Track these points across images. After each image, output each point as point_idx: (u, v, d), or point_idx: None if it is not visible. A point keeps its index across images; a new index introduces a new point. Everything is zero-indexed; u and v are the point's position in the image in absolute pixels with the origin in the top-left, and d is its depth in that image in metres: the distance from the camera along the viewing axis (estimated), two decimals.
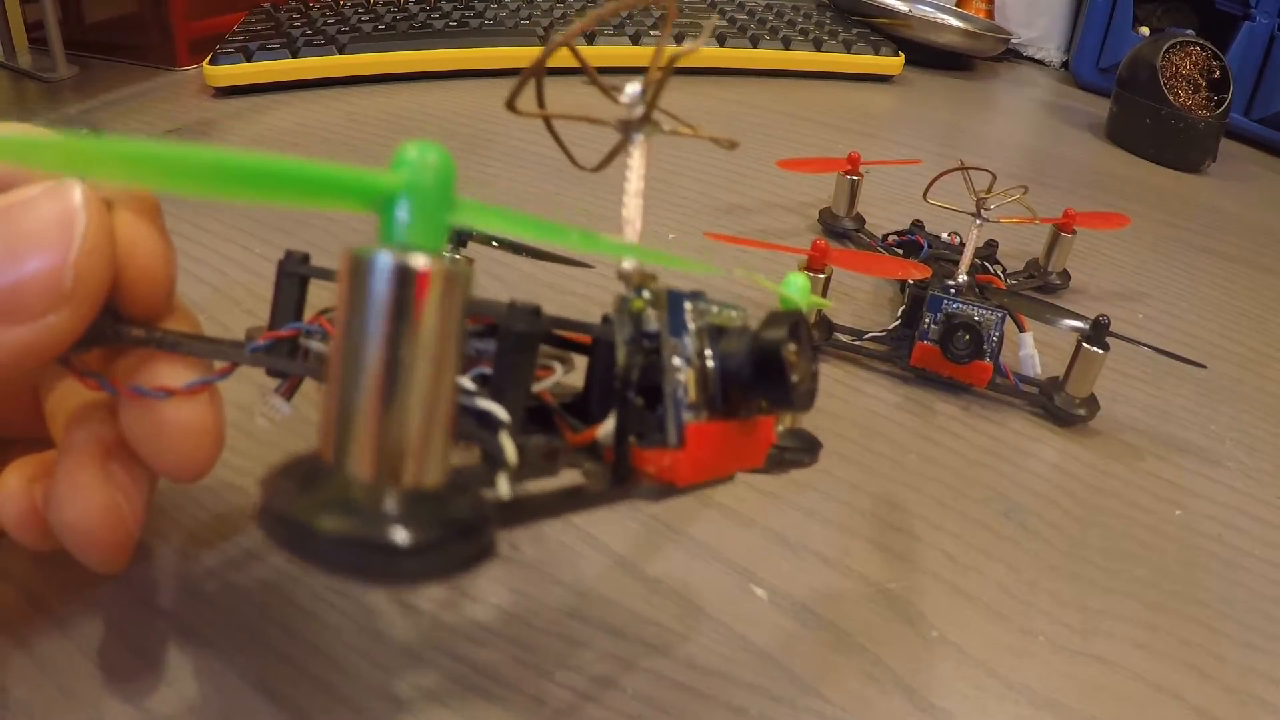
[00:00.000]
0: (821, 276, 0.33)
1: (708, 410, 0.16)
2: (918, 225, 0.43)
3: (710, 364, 0.16)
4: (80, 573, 0.21)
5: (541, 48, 0.17)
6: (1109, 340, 0.31)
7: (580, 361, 0.18)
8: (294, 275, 0.19)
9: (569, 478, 0.16)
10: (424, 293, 0.11)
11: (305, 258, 0.19)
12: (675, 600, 0.23)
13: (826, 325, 0.35)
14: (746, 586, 0.24)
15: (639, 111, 0.17)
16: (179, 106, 0.54)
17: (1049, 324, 0.33)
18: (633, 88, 0.16)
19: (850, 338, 0.35)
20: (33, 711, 0.19)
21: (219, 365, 0.18)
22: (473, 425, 0.15)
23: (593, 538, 0.25)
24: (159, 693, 0.19)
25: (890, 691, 0.21)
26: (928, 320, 0.33)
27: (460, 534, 0.12)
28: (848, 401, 0.33)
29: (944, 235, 0.42)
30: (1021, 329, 0.34)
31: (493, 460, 0.14)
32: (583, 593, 0.23)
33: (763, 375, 0.16)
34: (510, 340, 0.15)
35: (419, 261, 0.11)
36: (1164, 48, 0.66)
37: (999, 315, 0.32)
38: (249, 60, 0.56)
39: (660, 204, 0.46)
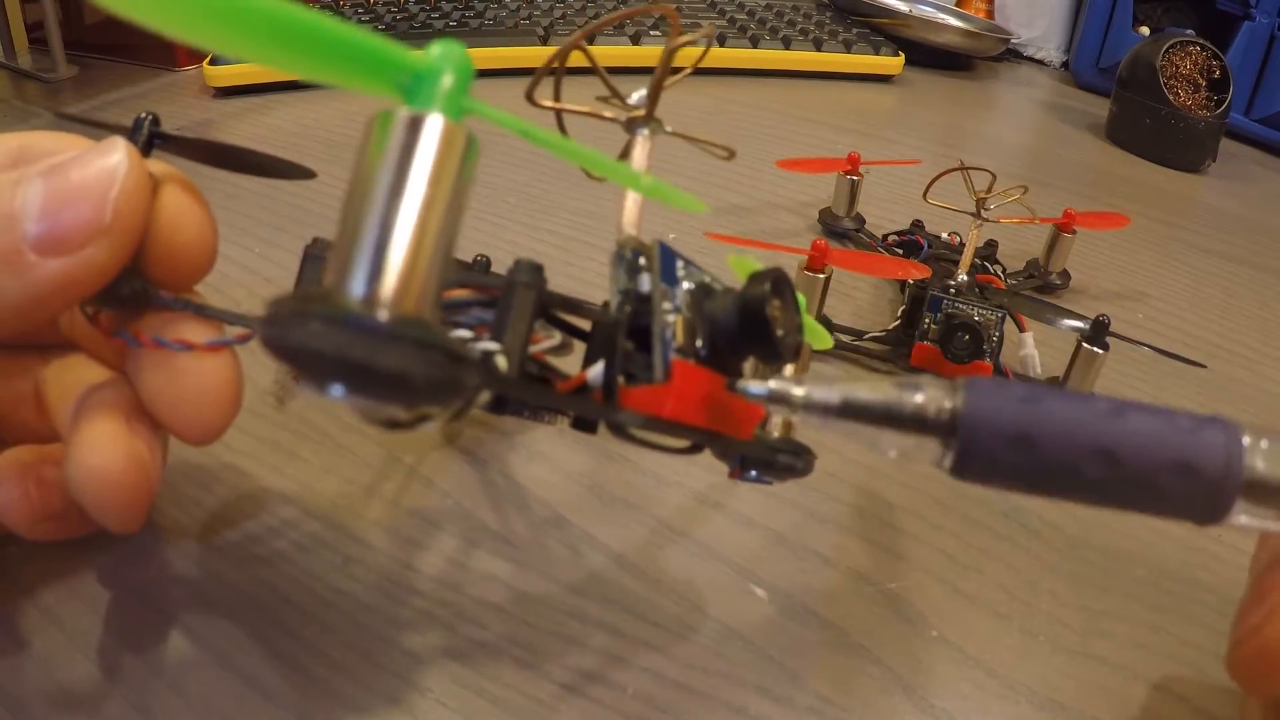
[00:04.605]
0: (821, 276, 0.33)
1: (694, 359, 0.17)
2: (918, 225, 0.43)
3: (697, 316, 0.17)
4: (78, 570, 0.22)
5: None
6: (1109, 340, 0.31)
7: (578, 350, 0.19)
8: (319, 259, 0.20)
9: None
10: (441, 141, 0.13)
11: (330, 245, 0.20)
12: (675, 600, 0.23)
13: (827, 325, 0.35)
14: (746, 586, 0.24)
15: (643, 110, 0.18)
16: (179, 106, 0.54)
17: (1049, 324, 0.33)
18: (639, 92, 0.19)
19: (850, 338, 0.35)
20: (32, 711, 0.19)
21: (238, 331, 0.19)
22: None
23: (592, 538, 0.25)
24: (159, 693, 0.19)
25: (890, 691, 0.21)
26: (928, 320, 0.33)
27: (440, 349, 0.13)
28: None
29: (944, 235, 0.42)
30: (1021, 329, 0.34)
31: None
32: (583, 593, 0.23)
33: (749, 329, 0.16)
34: (513, 291, 0.16)
35: (441, 117, 0.13)
36: (1164, 47, 0.65)
37: (999, 315, 0.32)
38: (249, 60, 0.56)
39: (660, 204, 0.46)
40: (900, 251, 0.41)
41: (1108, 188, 0.60)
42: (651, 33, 0.68)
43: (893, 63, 0.74)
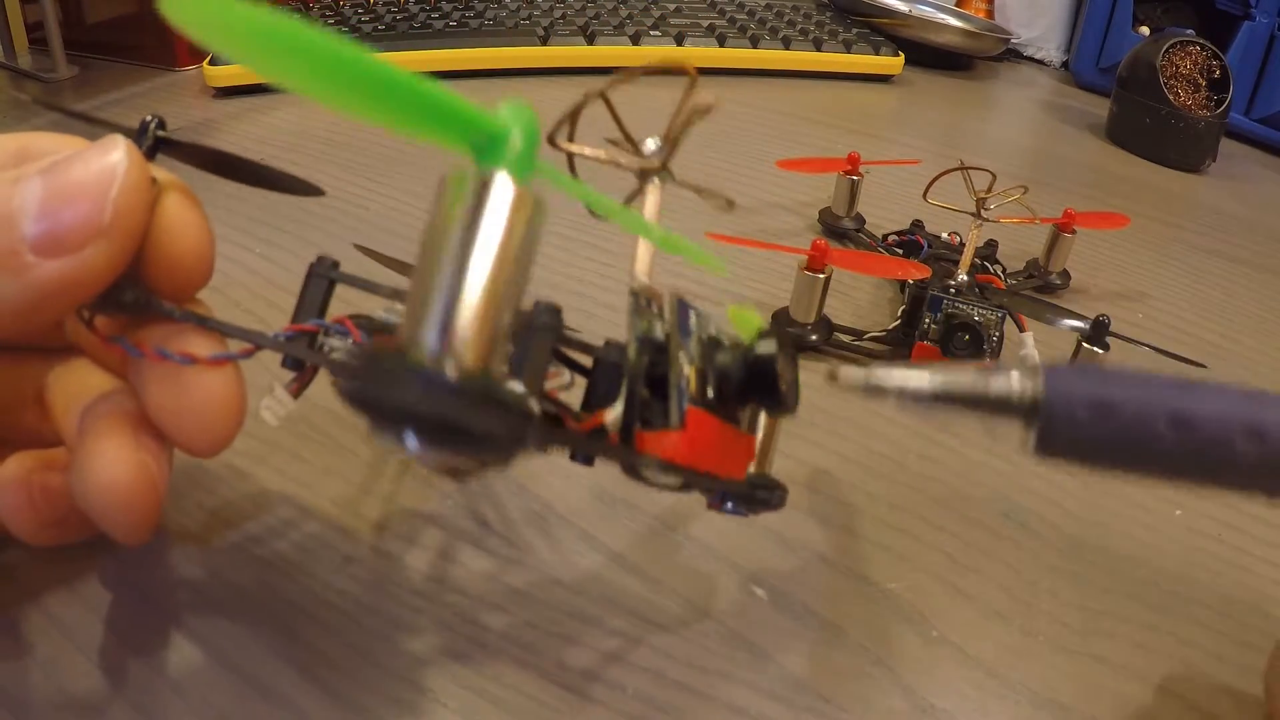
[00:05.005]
0: (821, 276, 0.33)
1: (704, 406, 0.18)
2: (918, 225, 0.43)
3: (708, 366, 0.18)
4: (80, 573, 0.22)
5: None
6: (1109, 340, 0.31)
7: (578, 385, 0.19)
8: (323, 277, 0.20)
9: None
10: (513, 203, 0.14)
11: (335, 264, 0.20)
12: (675, 600, 0.23)
13: (826, 325, 0.35)
14: (746, 586, 0.24)
15: (656, 161, 0.20)
16: (179, 106, 0.54)
17: (1049, 324, 0.33)
18: (652, 142, 0.20)
19: (850, 338, 0.35)
20: (35, 713, 0.19)
21: (241, 346, 0.19)
22: None
23: (592, 537, 0.25)
24: (160, 693, 0.19)
25: (890, 691, 0.21)
26: (928, 320, 0.33)
27: (519, 411, 0.13)
28: (848, 401, 0.33)
29: (944, 235, 0.42)
30: (1021, 329, 0.34)
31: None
32: (583, 593, 0.23)
33: (758, 383, 0.18)
34: (533, 332, 0.17)
35: (511, 180, 0.14)
36: (1164, 47, 0.66)
37: (999, 315, 0.32)
38: None
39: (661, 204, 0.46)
40: (900, 251, 0.41)
41: (1108, 188, 0.60)
42: (651, 33, 0.68)
43: (893, 63, 0.74)
